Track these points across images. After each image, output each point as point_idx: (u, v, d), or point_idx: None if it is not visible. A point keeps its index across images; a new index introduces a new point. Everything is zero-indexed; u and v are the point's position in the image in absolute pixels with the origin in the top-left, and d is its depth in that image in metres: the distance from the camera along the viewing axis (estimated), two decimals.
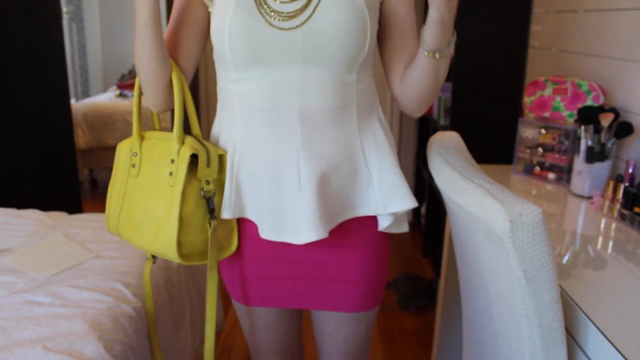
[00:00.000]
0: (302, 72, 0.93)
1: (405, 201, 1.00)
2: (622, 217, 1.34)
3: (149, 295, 1.24)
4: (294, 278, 1.07)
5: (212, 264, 1.02)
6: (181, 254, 0.98)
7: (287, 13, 0.92)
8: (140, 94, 1.05)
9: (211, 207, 0.99)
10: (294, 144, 0.95)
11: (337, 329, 1.12)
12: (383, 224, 1.03)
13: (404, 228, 1.07)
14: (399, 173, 1.01)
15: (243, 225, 1.06)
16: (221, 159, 1.00)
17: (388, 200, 1.00)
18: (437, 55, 0.91)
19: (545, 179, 1.71)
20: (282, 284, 1.08)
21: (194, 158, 0.97)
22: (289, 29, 0.92)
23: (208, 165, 0.98)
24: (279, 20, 0.92)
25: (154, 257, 1.16)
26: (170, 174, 0.98)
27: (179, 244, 0.97)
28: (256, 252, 1.06)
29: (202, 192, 0.99)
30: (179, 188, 0.96)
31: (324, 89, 0.94)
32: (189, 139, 0.99)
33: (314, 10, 0.91)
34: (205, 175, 0.98)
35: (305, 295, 1.09)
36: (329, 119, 0.96)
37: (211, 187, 0.99)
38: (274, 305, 1.11)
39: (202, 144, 0.99)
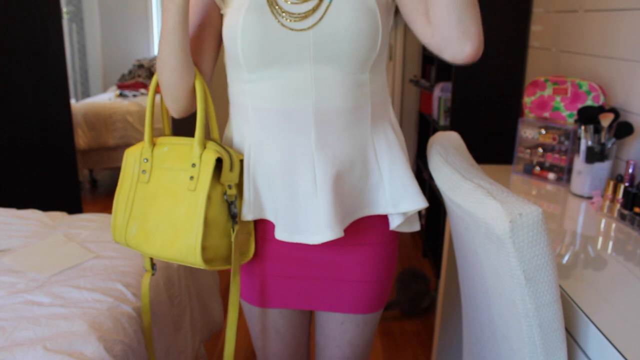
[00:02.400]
0: (315, 72, 0.93)
1: (415, 201, 1.00)
2: (622, 217, 1.34)
3: (146, 308, 1.21)
4: (304, 279, 1.08)
5: (235, 269, 1.02)
6: (205, 259, 0.96)
7: (299, 14, 0.92)
8: (154, 99, 1.05)
9: (233, 212, 0.99)
10: (308, 144, 0.95)
11: (342, 331, 1.12)
12: (394, 223, 1.03)
13: (416, 227, 1.07)
14: (409, 173, 1.01)
15: (261, 226, 1.06)
16: (242, 163, 1.01)
17: (398, 200, 1.00)
18: None
19: (545, 179, 1.71)
20: (292, 284, 1.08)
21: (216, 162, 0.97)
22: (301, 30, 0.92)
23: (231, 169, 0.98)
24: (290, 21, 0.92)
25: (153, 268, 1.15)
26: (191, 178, 0.97)
27: (204, 249, 0.96)
28: (271, 253, 1.07)
29: (224, 197, 0.98)
30: (204, 192, 0.95)
31: (337, 89, 0.94)
32: (210, 143, 0.99)
33: (325, 11, 0.91)
34: (229, 179, 0.98)
35: (314, 296, 1.09)
36: (344, 119, 0.96)
37: (233, 191, 0.99)
38: (284, 305, 1.11)
39: (224, 149, 0.99)
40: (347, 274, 1.07)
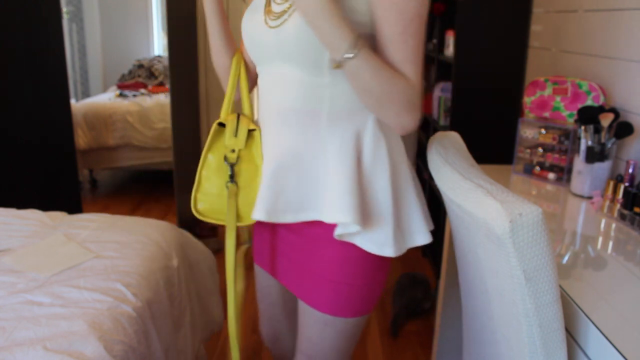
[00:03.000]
0: (280, 70, 0.98)
1: (341, 214, 0.94)
2: (622, 217, 1.34)
3: (236, 274, 1.14)
4: (280, 253, 1.14)
5: (230, 226, 1.08)
6: (197, 209, 1.11)
7: (277, 13, 0.96)
8: (235, 81, 1.17)
9: (231, 173, 1.09)
10: (272, 134, 1.03)
11: (304, 323, 1.11)
12: (335, 232, 0.98)
13: (386, 251, 0.98)
14: (349, 190, 0.94)
15: None
16: (252, 134, 1.09)
17: (330, 211, 0.96)
18: (340, 65, 0.87)
19: (545, 179, 1.71)
20: (264, 246, 1.18)
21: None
22: (272, 27, 0.96)
23: (235, 135, 1.09)
24: (271, 19, 0.97)
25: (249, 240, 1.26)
26: None
27: (195, 199, 1.10)
28: None
29: (225, 160, 1.09)
30: (205, 150, 1.10)
31: (292, 88, 0.97)
32: (232, 115, 1.12)
33: (293, 11, 0.93)
34: (231, 144, 1.09)
35: (285, 273, 1.14)
36: (297, 117, 0.98)
37: (234, 155, 1.08)
38: (257, 261, 1.23)
39: (239, 118, 1.10)
40: (314, 266, 1.05)
